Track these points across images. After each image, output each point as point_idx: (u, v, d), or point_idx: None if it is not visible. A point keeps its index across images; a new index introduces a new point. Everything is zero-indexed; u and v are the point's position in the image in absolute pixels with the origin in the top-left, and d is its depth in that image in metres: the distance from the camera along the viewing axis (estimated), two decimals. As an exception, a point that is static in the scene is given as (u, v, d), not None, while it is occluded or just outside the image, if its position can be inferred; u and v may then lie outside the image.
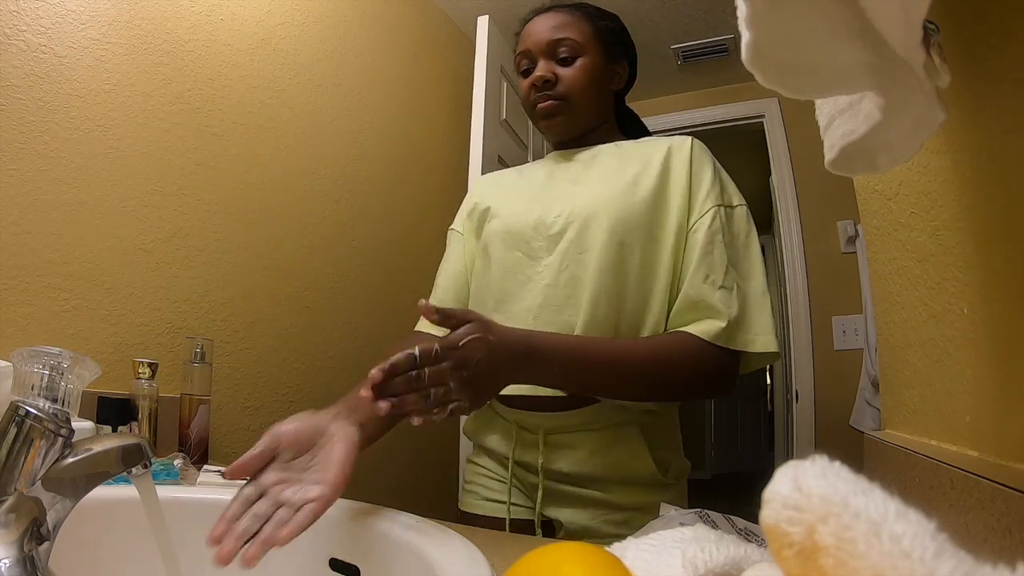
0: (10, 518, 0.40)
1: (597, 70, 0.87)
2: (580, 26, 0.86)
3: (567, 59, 0.85)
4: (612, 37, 0.90)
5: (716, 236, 0.79)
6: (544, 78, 0.84)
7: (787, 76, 0.38)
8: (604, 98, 0.90)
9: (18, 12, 0.95)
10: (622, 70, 0.92)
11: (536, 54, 0.86)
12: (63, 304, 1.00)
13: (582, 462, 0.81)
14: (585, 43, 0.86)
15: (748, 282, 0.79)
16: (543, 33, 0.86)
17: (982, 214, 0.51)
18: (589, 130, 0.90)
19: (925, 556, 0.16)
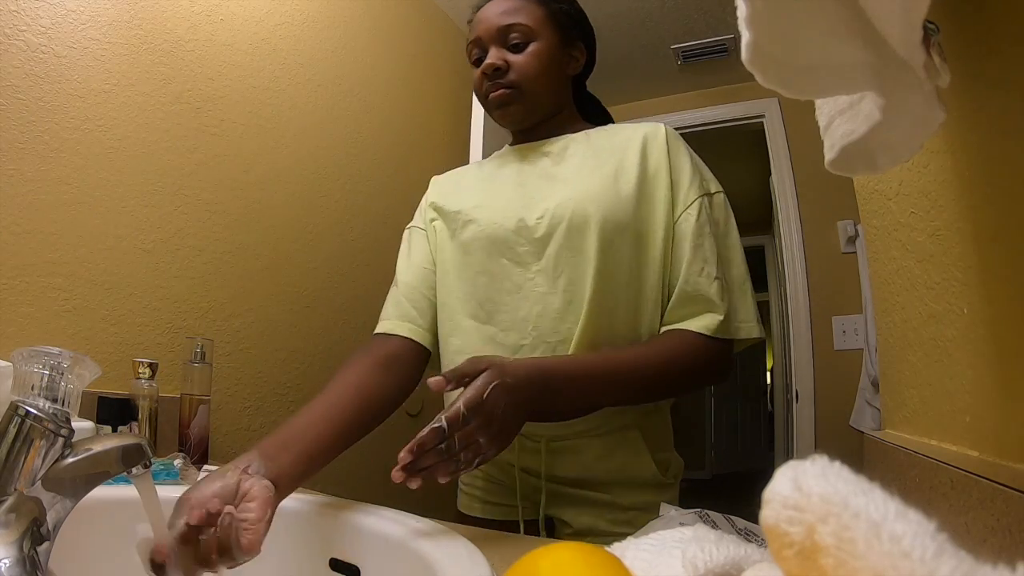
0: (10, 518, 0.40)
1: (551, 55, 0.83)
2: (531, 10, 0.82)
3: (519, 45, 0.81)
4: (566, 20, 0.85)
5: (704, 227, 0.78)
6: (494, 66, 0.80)
7: (787, 76, 0.38)
8: (560, 84, 0.86)
9: (18, 12, 0.95)
10: (579, 54, 0.88)
11: (486, 42, 0.82)
12: (63, 304, 1.00)
13: (586, 467, 0.81)
14: (537, 27, 0.82)
15: (731, 270, 0.79)
16: (492, 19, 0.82)
17: (982, 214, 0.51)
18: (547, 118, 0.86)
19: (925, 556, 0.16)
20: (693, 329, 0.75)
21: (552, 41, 0.83)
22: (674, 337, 0.76)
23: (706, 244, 0.77)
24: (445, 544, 0.53)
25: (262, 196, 1.39)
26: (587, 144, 0.84)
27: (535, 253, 0.79)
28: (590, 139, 0.85)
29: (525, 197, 0.82)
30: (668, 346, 0.75)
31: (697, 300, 0.76)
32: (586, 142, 0.85)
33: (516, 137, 0.91)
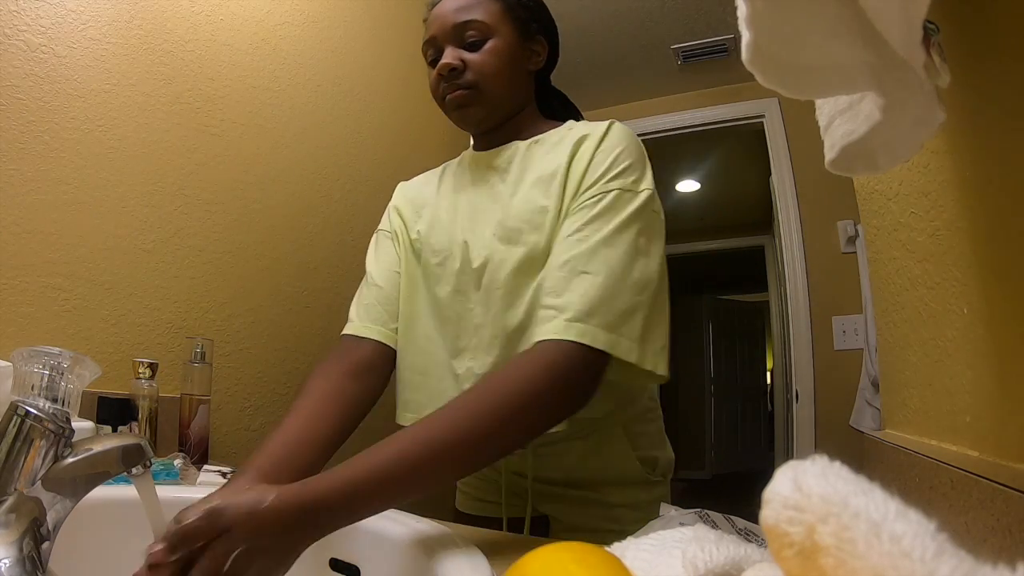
0: (10, 518, 0.40)
1: (510, 51, 0.78)
2: (487, 6, 0.78)
3: (475, 43, 0.77)
4: (525, 13, 0.81)
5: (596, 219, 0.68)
6: (450, 66, 0.76)
7: (787, 76, 0.38)
8: (521, 81, 0.82)
9: (18, 12, 0.95)
10: (540, 48, 0.83)
11: (442, 41, 0.78)
12: (63, 304, 1.00)
13: (572, 469, 0.82)
14: (494, 23, 0.77)
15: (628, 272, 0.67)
16: (447, 17, 0.78)
17: (982, 214, 0.51)
18: (508, 118, 0.82)
19: (925, 556, 0.16)
20: (537, 339, 0.63)
21: (510, 37, 0.79)
22: (509, 368, 0.61)
23: (590, 237, 0.67)
24: (445, 544, 0.53)
25: (262, 196, 1.39)
26: (527, 159, 0.79)
27: (474, 284, 0.76)
28: (534, 150, 0.79)
29: (468, 229, 0.79)
30: (487, 393, 0.58)
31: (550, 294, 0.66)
32: (527, 156, 0.79)
33: (476, 140, 0.86)
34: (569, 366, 0.61)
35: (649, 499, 0.84)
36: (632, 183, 0.71)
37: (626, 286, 0.65)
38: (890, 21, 0.35)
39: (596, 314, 0.63)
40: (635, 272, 0.67)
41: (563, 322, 0.62)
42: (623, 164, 0.72)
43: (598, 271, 0.65)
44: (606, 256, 0.66)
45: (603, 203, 0.69)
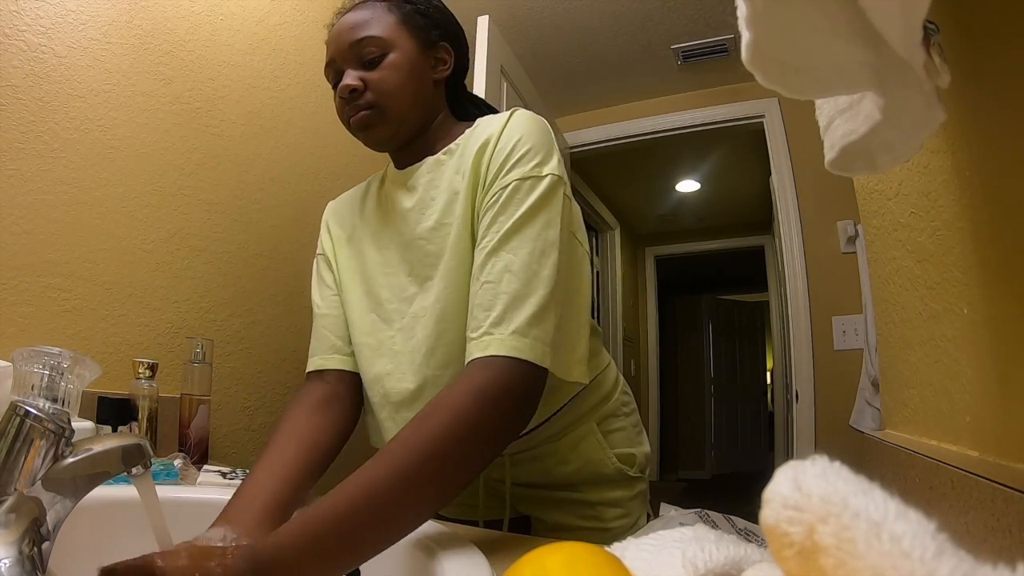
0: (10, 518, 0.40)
1: (410, 64, 0.75)
2: (382, 19, 0.75)
3: (374, 60, 0.74)
4: (423, 21, 0.78)
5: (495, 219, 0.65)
6: (350, 87, 0.73)
7: (787, 76, 0.38)
8: (425, 93, 0.77)
9: (18, 12, 0.95)
10: (445, 55, 0.79)
11: (340, 63, 0.75)
12: (63, 304, 1.00)
13: (549, 472, 0.82)
14: (391, 37, 0.74)
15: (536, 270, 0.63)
16: (343, 36, 0.74)
17: (982, 214, 0.51)
18: (418, 131, 0.78)
19: (925, 556, 0.17)
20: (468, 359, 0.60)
21: (410, 49, 0.75)
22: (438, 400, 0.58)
23: (492, 240, 0.64)
24: (445, 544, 0.53)
25: (262, 196, 1.39)
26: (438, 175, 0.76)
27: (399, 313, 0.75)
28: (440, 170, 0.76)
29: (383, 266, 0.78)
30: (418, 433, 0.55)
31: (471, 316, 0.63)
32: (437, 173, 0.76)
33: (392, 157, 0.83)
34: (494, 384, 0.57)
35: (629, 496, 0.84)
36: (533, 168, 0.67)
37: (533, 287, 0.62)
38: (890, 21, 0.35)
39: (502, 323, 0.60)
40: (544, 270, 0.63)
41: (478, 339, 0.60)
42: (522, 151, 0.68)
43: (498, 278, 0.62)
44: (507, 261, 0.63)
45: (502, 199, 0.66)
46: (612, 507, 0.82)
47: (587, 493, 0.82)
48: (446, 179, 0.74)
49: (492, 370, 0.58)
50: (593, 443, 0.82)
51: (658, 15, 2.29)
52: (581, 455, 0.81)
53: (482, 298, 0.62)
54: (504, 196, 0.66)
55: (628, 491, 0.84)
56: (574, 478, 0.82)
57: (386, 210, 0.81)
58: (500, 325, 0.60)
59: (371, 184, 0.88)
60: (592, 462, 0.82)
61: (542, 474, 0.82)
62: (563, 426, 0.80)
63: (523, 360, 0.58)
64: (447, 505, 0.61)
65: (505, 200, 0.65)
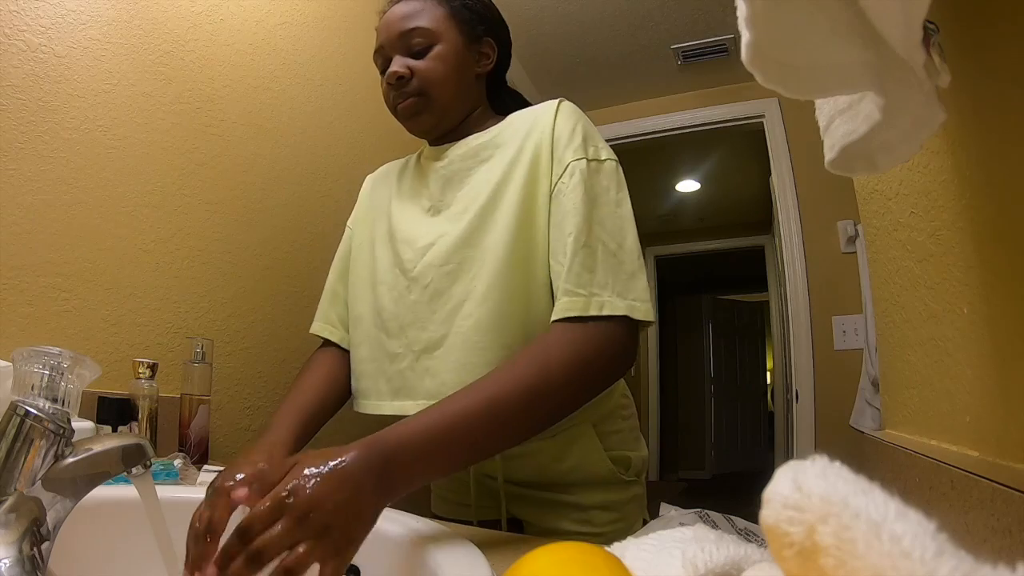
0: (10, 518, 0.40)
1: (456, 56, 0.79)
2: (432, 11, 0.79)
3: (422, 50, 0.78)
4: (470, 15, 0.82)
5: (576, 191, 0.71)
6: (397, 74, 0.77)
7: (787, 76, 0.38)
8: (469, 85, 0.82)
9: (18, 12, 0.95)
10: (488, 50, 0.84)
11: (389, 50, 0.80)
12: (63, 304, 1.00)
13: (542, 469, 0.81)
14: (438, 29, 0.78)
15: (620, 241, 0.71)
16: (393, 25, 0.79)
17: (982, 214, 0.51)
18: (458, 121, 0.83)
19: (925, 556, 0.17)
20: (556, 318, 0.67)
21: (456, 41, 0.79)
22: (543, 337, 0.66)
23: (578, 209, 0.70)
24: (445, 544, 0.53)
25: (262, 196, 1.39)
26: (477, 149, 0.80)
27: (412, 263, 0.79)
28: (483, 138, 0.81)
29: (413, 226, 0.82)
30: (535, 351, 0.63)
31: (559, 277, 0.69)
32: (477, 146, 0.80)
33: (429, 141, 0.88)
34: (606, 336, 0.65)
35: (623, 499, 0.84)
36: (595, 152, 0.74)
37: (625, 254, 0.70)
38: (890, 21, 0.35)
39: (607, 285, 0.67)
40: (626, 241, 0.71)
41: (581, 299, 0.66)
42: (581, 136, 0.74)
43: (595, 244, 0.69)
44: (598, 231, 0.70)
45: (579, 175, 0.71)
46: (605, 511, 0.82)
47: (580, 496, 0.81)
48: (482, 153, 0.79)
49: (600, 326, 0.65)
50: (588, 443, 0.81)
51: (658, 15, 2.29)
52: (575, 455, 0.81)
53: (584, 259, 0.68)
54: (578, 175, 0.71)
55: (622, 495, 0.84)
56: (567, 478, 0.81)
57: (418, 175, 0.87)
58: (606, 288, 0.67)
59: (410, 159, 0.94)
60: (587, 462, 0.81)
61: (535, 471, 0.81)
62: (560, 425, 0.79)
63: (628, 317, 0.66)
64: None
65: (581, 179, 0.71)
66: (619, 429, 0.86)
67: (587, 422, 0.82)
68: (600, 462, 0.82)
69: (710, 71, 2.64)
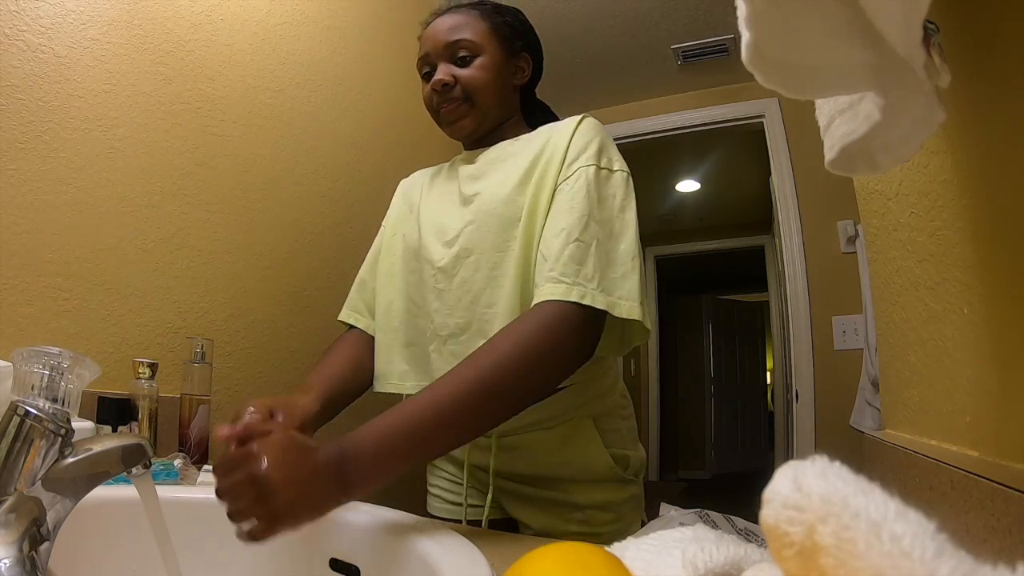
0: (10, 518, 0.40)
1: (497, 67, 0.85)
2: (476, 25, 0.85)
3: (465, 59, 0.84)
4: (510, 32, 0.88)
5: (580, 192, 0.73)
6: (443, 82, 0.83)
7: (787, 76, 0.38)
8: (507, 94, 0.89)
9: (18, 12, 0.95)
10: (525, 64, 0.90)
11: (435, 58, 0.86)
12: (63, 304, 1.00)
13: (537, 462, 0.81)
14: (482, 41, 0.84)
15: (619, 244, 0.73)
16: (439, 36, 0.85)
17: (982, 214, 0.51)
18: (495, 128, 0.89)
19: (925, 556, 0.16)
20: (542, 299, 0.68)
21: (497, 54, 0.85)
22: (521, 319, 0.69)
23: (577, 206, 0.73)
24: (445, 544, 0.53)
25: (262, 196, 1.39)
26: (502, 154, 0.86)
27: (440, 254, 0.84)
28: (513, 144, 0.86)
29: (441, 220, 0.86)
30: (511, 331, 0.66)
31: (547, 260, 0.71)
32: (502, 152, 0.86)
33: (464, 146, 0.93)
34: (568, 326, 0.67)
35: (621, 499, 0.84)
36: (607, 162, 0.78)
37: (619, 255, 0.72)
38: (890, 21, 0.35)
39: (593, 279, 0.68)
40: (623, 243, 0.73)
41: (564, 286, 0.67)
42: (596, 146, 0.78)
43: (589, 240, 0.70)
44: (595, 230, 0.72)
45: (585, 177, 0.75)
46: (602, 511, 0.82)
47: (575, 494, 0.81)
48: (509, 155, 0.84)
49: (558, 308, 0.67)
50: (585, 437, 0.81)
51: (658, 15, 2.29)
52: (571, 448, 0.81)
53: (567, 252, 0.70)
54: (586, 176, 0.75)
55: (620, 494, 0.84)
56: (562, 472, 0.81)
57: (451, 175, 0.92)
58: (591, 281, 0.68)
59: (443, 165, 0.98)
60: (583, 456, 0.81)
61: (530, 464, 0.81)
62: (554, 413, 0.79)
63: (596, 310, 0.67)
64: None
65: (588, 179, 0.74)
66: (617, 428, 0.87)
67: (586, 416, 0.82)
68: (599, 457, 0.82)
69: (710, 71, 2.64)
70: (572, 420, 0.81)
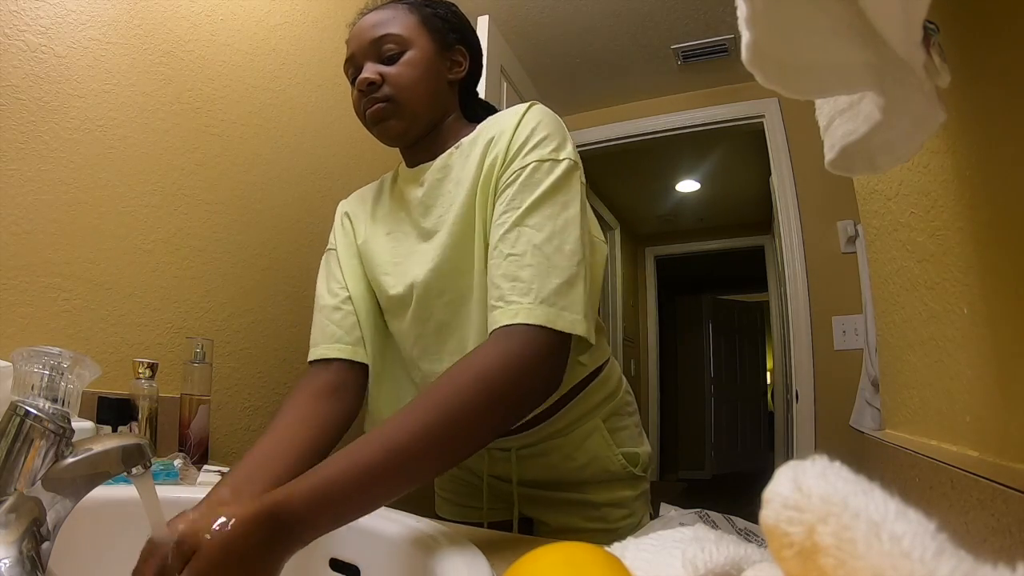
0: (10, 518, 0.40)
1: (427, 62, 0.78)
2: (402, 19, 0.79)
3: (393, 56, 0.77)
4: (442, 24, 0.82)
5: (516, 198, 0.67)
6: (368, 80, 0.76)
7: (787, 76, 0.38)
8: (440, 91, 0.81)
9: (18, 12, 0.95)
10: (460, 57, 0.83)
11: (360, 58, 0.78)
12: (63, 304, 1.00)
13: (554, 468, 0.82)
14: (410, 36, 0.78)
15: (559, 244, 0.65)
16: (364, 34, 0.78)
17: (982, 214, 0.51)
18: (429, 128, 0.81)
19: (925, 556, 0.16)
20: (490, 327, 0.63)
21: (427, 48, 0.79)
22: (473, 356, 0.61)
23: (510, 216, 0.66)
24: (445, 544, 0.53)
25: (262, 196, 1.39)
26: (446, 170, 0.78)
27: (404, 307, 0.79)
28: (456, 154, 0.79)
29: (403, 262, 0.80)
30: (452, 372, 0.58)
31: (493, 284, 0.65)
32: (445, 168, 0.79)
33: (404, 155, 0.85)
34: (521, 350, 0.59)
35: (634, 495, 0.85)
36: (551, 152, 0.69)
37: (561, 258, 0.64)
38: (890, 21, 0.35)
39: (529, 293, 0.61)
40: (566, 245, 0.65)
41: (505, 308, 0.61)
42: (539, 136, 0.70)
43: (523, 251, 0.64)
44: (530, 236, 0.65)
45: (522, 178, 0.68)
46: (618, 507, 0.83)
47: (593, 494, 0.82)
48: (454, 171, 0.77)
49: (520, 336, 0.59)
50: (600, 440, 0.82)
51: (658, 15, 2.29)
52: (588, 451, 0.82)
53: (507, 269, 0.63)
54: (523, 176, 0.68)
55: (633, 490, 0.85)
56: (581, 475, 0.82)
57: (398, 204, 0.83)
58: (528, 295, 0.61)
59: (384, 182, 0.90)
60: (599, 459, 0.82)
61: (549, 471, 0.82)
62: (570, 421, 0.80)
63: (549, 328, 0.60)
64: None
65: (525, 179, 0.68)
66: (626, 425, 0.87)
67: (597, 419, 0.83)
68: (612, 458, 0.83)
69: (710, 71, 2.64)
70: (585, 424, 0.82)
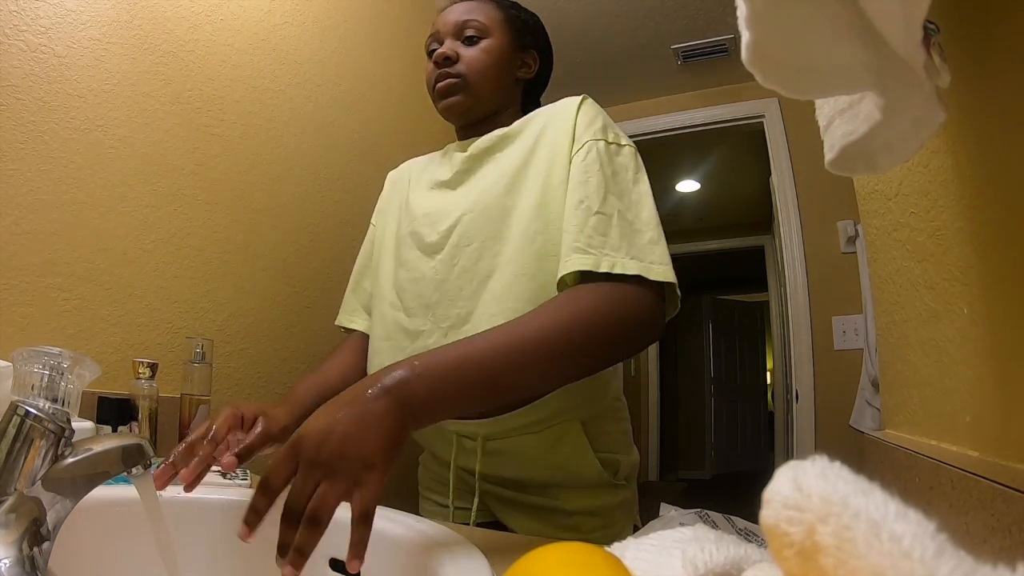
0: (10, 518, 0.40)
1: (501, 53, 0.86)
2: (488, 11, 0.87)
3: (472, 39, 0.85)
4: (522, 25, 0.90)
5: (592, 166, 0.73)
6: (444, 55, 0.83)
7: (787, 76, 0.38)
8: (507, 83, 0.88)
9: (18, 12, 0.95)
10: (531, 60, 0.91)
11: (443, 35, 0.86)
12: (63, 304, 1.00)
13: (524, 467, 0.79)
14: (492, 26, 0.85)
15: (640, 212, 0.72)
16: (452, 15, 0.86)
17: (982, 214, 0.51)
18: (489, 115, 0.88)
19: (925, 556, 0.16)
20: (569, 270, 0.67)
21: (504, 41, 0.86)
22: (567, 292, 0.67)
23: (592, 181, 0.72)
24: (444, 544, 0.53)
25: (262, 196, 1.39)
26: (501, 138, 0.84)
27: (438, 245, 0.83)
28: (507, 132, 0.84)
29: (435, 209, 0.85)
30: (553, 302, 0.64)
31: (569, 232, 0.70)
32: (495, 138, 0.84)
33: (457, 133, 0.93)
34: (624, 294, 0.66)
35: (611, 504, 0.82)
36: (614, 138, 0.78)
37: (642, 223, 0.71)
38: (890, 21, 0.35)
39: (620, 249, 0.67)
40: (644, 212, 0.72)
41: (591, 257, 0.67)
42: (602, 122, 0.79)
43: (610, 212, 0.70)
44: (613, 203, 0.71)
45: (595, 151, 0.75)
46: (591, 516, 0.80)
47: (564, 501, 0.79)
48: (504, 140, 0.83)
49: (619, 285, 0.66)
50: (573, 441, 0.79)
51: (658, 15, 2.29)
52: (560, 453, 0.78)
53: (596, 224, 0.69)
54: (599, 148, 0.75)
55: (610, 499, 0.82)
56: (550, 477, 0.79)
57: (443, 163, 0.91)
58: (618, 251, 0.67)
59: (434, 155, 0.98)
60: (570, 461, 0.79)
61: (518, 469, 0.79)
62: (542, 417, 0.76)
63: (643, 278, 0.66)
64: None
65: (601, 152, 0.75)
66: (609, 431, 0.84)
67: (575, 421, 0.79)
68: (588, 463, 0.79)
69: (710, 71, 2.64)
70: (560, 424, 0.78)
